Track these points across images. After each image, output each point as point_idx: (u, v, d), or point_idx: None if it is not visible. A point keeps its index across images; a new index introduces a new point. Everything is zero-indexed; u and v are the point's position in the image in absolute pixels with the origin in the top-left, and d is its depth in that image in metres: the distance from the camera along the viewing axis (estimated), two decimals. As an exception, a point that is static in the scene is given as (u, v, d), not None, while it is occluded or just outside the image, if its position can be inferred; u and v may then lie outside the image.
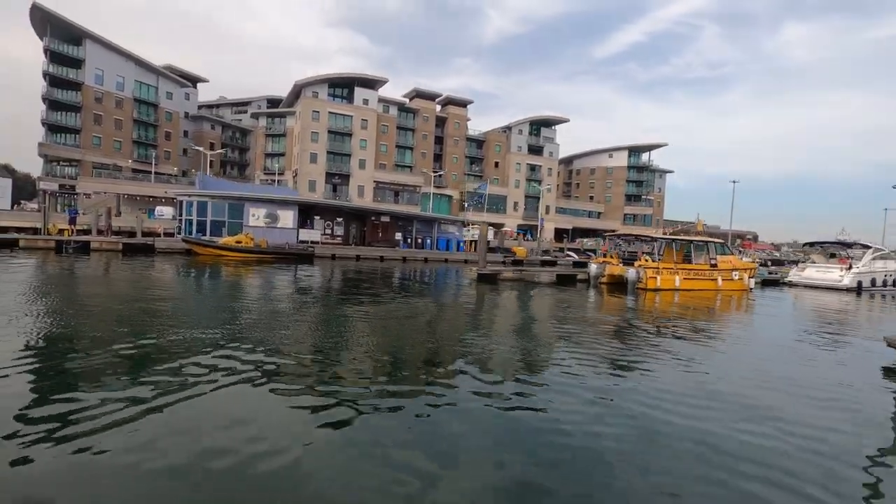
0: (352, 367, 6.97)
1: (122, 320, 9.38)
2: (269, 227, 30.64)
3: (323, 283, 19.11)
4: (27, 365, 6.11)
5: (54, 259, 22.68)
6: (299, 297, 14.82)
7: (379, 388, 5.99)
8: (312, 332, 9.38)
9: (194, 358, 6.72)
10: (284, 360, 6.98)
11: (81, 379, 5.74)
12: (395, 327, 10.36)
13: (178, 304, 12.06)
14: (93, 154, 59.46)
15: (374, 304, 13.23)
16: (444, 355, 8.02)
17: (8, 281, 14.51)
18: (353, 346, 8.39)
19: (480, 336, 9.72)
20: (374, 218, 36.32)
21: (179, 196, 31.01)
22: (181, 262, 24.79)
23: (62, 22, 55.79)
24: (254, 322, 9.78)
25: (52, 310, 9.86)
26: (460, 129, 76.85)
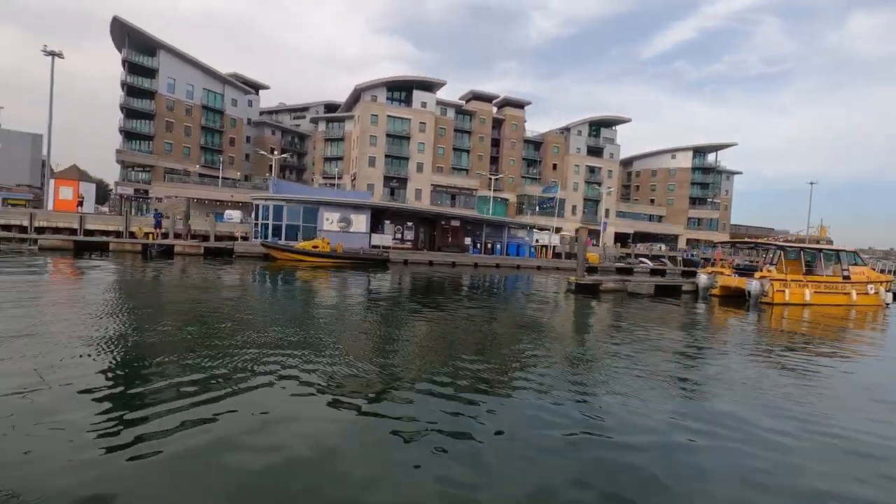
0: (442, 388, 5.99)
1: (202, 321, 9.32)
2: (342, 232, 30.14)
3: (403, 290, 18.13)
4: (107, 360, 6.22)
5: (141, 263, 22.88)
6: (384, 304, 13.93)
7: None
8: (402, 344, 8.66)
9: (264, 361, 6.59)
10: (360, 369, 6.54)
11: (153, 379, 5.65)
12: (491, 346, 9.07)
13: (255, 308, 11.97)
14: (164, 160, 61.80)
15: (466, 319, 12.00)
16: (558, 381, 6.58)
17: (101, 282, 14.26)
18: (442, 364, 7.28)
19: (614, 361, 8.20)
20: (443, 222, 35.29)
21: (255, 200, 31.03)
22: (259, 266, 24.59)
23: (139, 34, 58.32)
24: (328, 328, 9.51)
25: (141, 310, 10.16)
26: (517, 130, 75.10)
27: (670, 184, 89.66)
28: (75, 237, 26.93)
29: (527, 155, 76.95)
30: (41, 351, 6.41)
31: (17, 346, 6.61)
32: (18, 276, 15.11)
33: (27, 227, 33.86)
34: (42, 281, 14.71)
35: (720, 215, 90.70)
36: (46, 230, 34.48)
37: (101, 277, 16.92)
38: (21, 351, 6.36)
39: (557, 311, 15.20)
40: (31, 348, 6.50)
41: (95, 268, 19.59)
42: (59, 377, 5.44)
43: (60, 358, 6.15)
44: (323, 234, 29.05)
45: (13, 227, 33.72)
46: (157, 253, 25.90)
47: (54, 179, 38.32)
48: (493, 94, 72.60)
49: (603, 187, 76.99)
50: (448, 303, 15.13)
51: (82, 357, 6.26)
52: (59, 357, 6.19)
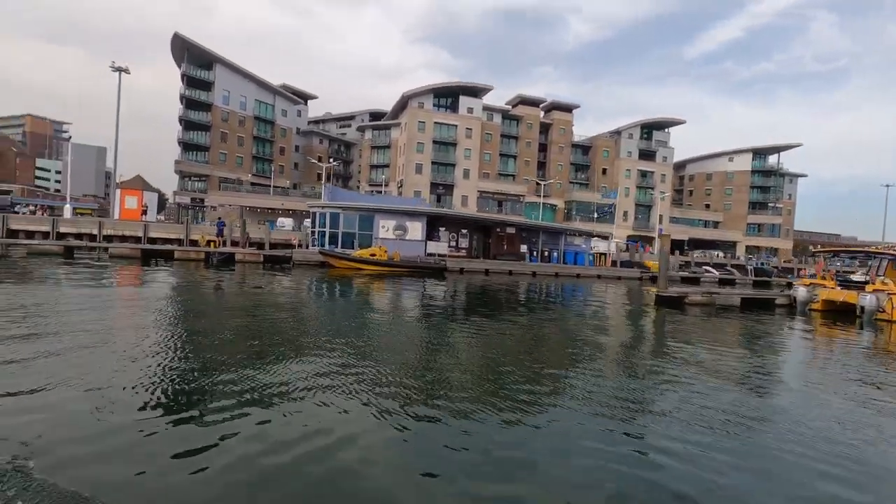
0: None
1: (261, 330, 9.31)
2: (398, 240, 29.59)
3: (464, 301, 17.30)
4: (171, 367, 6.27)
5: (204, 270, 22.99)
6: (448, 316, 13.20)
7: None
8: (470, 359, 8.18)
9: (320, 372, 6.44)
10: (424, 382, 6.33)
11: (211, 387, 5.60)
12: (572, 364, 7.98)
13: (313, 317, 12.00)
14: (219, 169, 63.68)
15: (540, 332, 10.90)
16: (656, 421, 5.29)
17: (168, 290, 14.03)
18: (517, 381, 6.69)
19: (722, 391, 6.84)
20: (499, 229, 34.23)
21: (312, 207, 30.98)
22: (317, 274, 24.32)
23: (197, 49, 60.52)
24: (385, 340, 9.32)
25: (205, 318, 10.60)
26: (565, 135, 73.25)
27: (727, 188, 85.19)
28: (142, 245, 27.50)
29: (575, 160, 74.90)
30: (110, 357, 6.53)
31: (91, 351, 6.75)
32: (95, 285, 15.16)
33: (96, 234, 35.20)
34: (115, 288, 14.67)
35: (783, 221, 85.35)
36: (114, 238, 35.71)
37: (168, 285, 16.89)
38: (94, 357, 6.49)
39: (642, 327, 13.87)
40: (102, 357, 6.55)
41: (162, 275, 19.74)
42: (127, 380, 5.58)
43: (127, 361, 6.37)
44: (379, 242, 28.59)
45: (84, 236, 35.10)
46: (219, 261, 26.08)
47: (120, 189, 39.77)
48: (541, 98, 71.16)
49: (655, 191, 73.96)
50: (516, 315, 14.19)
51: (149, 364, 6.29)
52: (125, 360, 6.41)
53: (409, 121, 63.16)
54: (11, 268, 18.83)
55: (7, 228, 33.59)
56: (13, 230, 33.91)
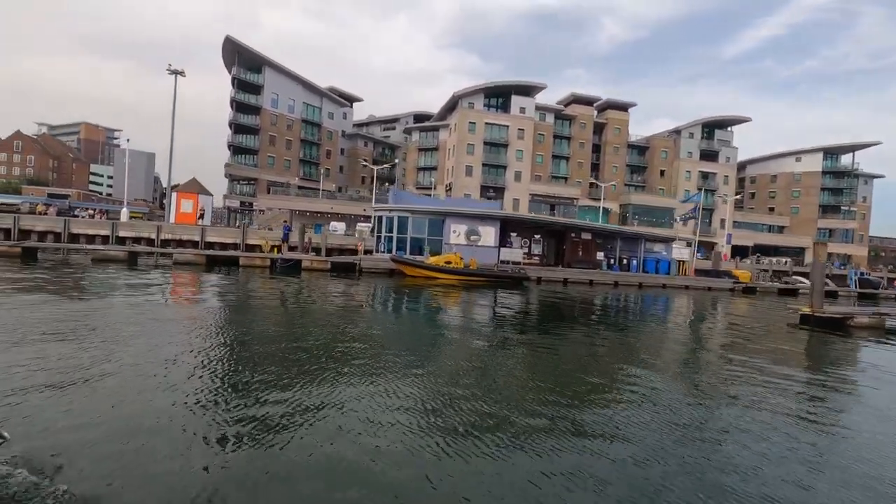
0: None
1: (332, 345, 8.69)
2: (470, 246, 27.35)
3: (555, 315, 15.02)
4: (235, 378, 6.03)
5: (270, 279, 21.38)
6: (541, 333, 11.19)
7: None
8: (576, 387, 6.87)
9: (394, 392, 5.77)
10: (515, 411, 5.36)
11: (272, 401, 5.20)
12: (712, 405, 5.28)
13: (389, 331, 11.13)
14: (267, 173, 63.21)
15: (657, 358, 8.25)
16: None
17: (237, 299, 12.18)
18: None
19: None
20: (573, 235, 31.55)
21: (378, 211, 29.14)
22: (387, 283, 22.40)
23: (247, 52, 60.25)
24: (468, 360, 7.96)
25: (275, 329, 10.13)
26: (621, 135, 69.66)
27: (794, 190, 79.46)
28: (207, 252, 26.19)
29: (630, 161, 71.16)
30: (177, 369, 6.22)
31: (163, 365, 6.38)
32: (167, 296, 13.47)
33: (154, 238, 34.45)
34: (189, 300, 12.92)
35: (857, 225, 78.98)
36: (171, 242, 34.91)
37: (240, 295, 15.19)
38: (165, 370, 6.16)
39: (819, 360, 10.94)
40: (178, 371, 6.20)
41: (231, 284, 18.22)
42: (190, 390, 5.35)
43: (192, 373, 6.09)
44: (452, 249, 26.42)
45: (142, 240, 34.42)
46: (285, 268, 24.46)
47: (176, 192, 39.12)
48: (595, 97, 67.89)
49: (717, 194, 69.44)
50: (624, 334, 11.73)
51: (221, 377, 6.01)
52: (191, 372, 6.14)
53: (459, 122, 61.08)
54: (81, 274, 17.54)
55: (69, 232, 33.17)
56: (74, 234, 33.49)
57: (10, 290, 12.31)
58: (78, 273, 18.24)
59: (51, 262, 22.10)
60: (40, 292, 12.45)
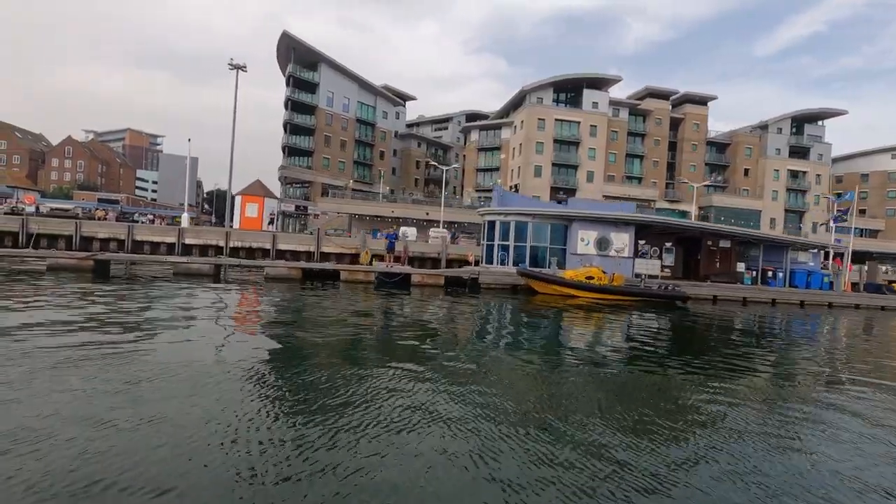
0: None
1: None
2: (600, 256, 22.81)
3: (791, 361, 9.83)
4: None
5: (381, 296, 17.47)
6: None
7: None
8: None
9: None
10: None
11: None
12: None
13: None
14: (322, 175, 60.04)
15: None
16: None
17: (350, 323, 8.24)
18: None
19: None
20: (710, 242, 26.60)
21: (486, 215, 24.90)
22: (515, 302, 18.25)
23: (303, 48, 57.32)
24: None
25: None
26: (699, 131, 63.84)
27: (890, 190, 71.83)
28: (302, 264, 22.44)
29: (710, 159, 65.18)
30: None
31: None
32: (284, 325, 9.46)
33: (222, 247, 31.14)
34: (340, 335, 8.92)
35: (964, 229, 70.66)
36: (241, 251, 31.57)
37: (374, 321, 10.99)
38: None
39: None
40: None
41: (334, 301, 14.19)
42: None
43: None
44: (580, 260, 21.95)
45: (210, 248, 31.18)
46: (392, 283, 20.46)
47: (241, 196, 35.88)
48: (671, 90, 62.37)
49: (809, 194, 62.87)
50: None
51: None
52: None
53: (526, 118, 56.58)
54: (177, 295, 13.80)
55: (133, 239, 30.16)
56: (138, 241, 30.47)
57: (116, 325, 8.46)
58: (170, 293, 14.52)
59: (126, 276, 18.61)
60: (160, 327, 8.58)
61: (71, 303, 11.51)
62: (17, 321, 8.92)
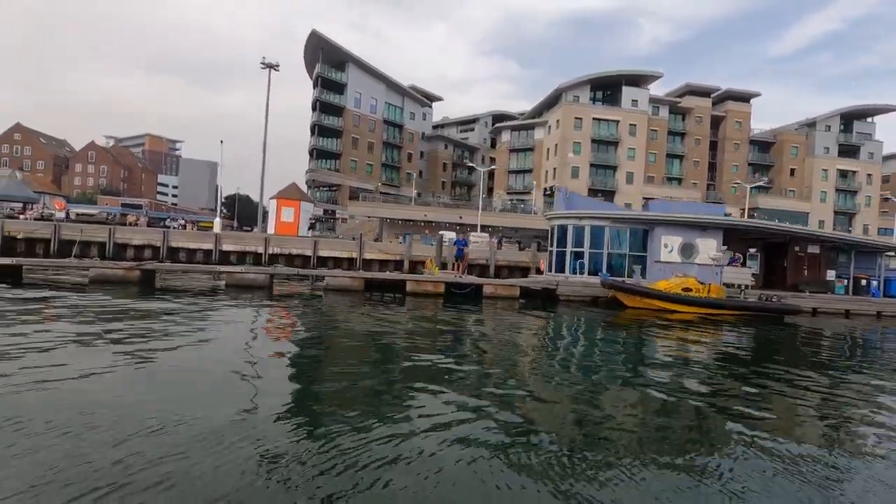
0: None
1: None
2: (685, 264, 20.54)
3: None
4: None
5: (446, 309, 15.62)
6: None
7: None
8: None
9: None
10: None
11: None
12: None
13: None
14: (349, 178, 58.42)
15: None
16: None
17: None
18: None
19: None
20: (797, 248, 24.15)
21: (553, 220, 22.80)
22: (602, 316, 16.18)
23: (331, 47, 55.82)
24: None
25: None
26: (742, 130, 61.03)
27: (943, 190, 68.07)
28: (366, 274, 20.51)
29: (753, 159, 62.29)
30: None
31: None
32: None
33: (261, 253, 29.42)
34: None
35: None
36: (280, 257, 29.83)
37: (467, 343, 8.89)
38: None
39: None
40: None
41: (411, 316, 12.17)
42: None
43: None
44: (674, 269, 19.70)
45: (248, 255, 29.49)
46: (461, 295, 18.44)
47: (277, 199, 34.21)
48: (713, 87, 59.71)
49: (859, 195, 59.68)
50: None
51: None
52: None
53: (563, 118, 54.35)
54: (232, 310, 11.91)
55: (168, 246, 28.54)
56: (173, 248, 28.85)
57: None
58: (236, 310, 12.61)
59: (173, 288, 16.80)
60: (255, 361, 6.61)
61: (133, 326, 9.61)
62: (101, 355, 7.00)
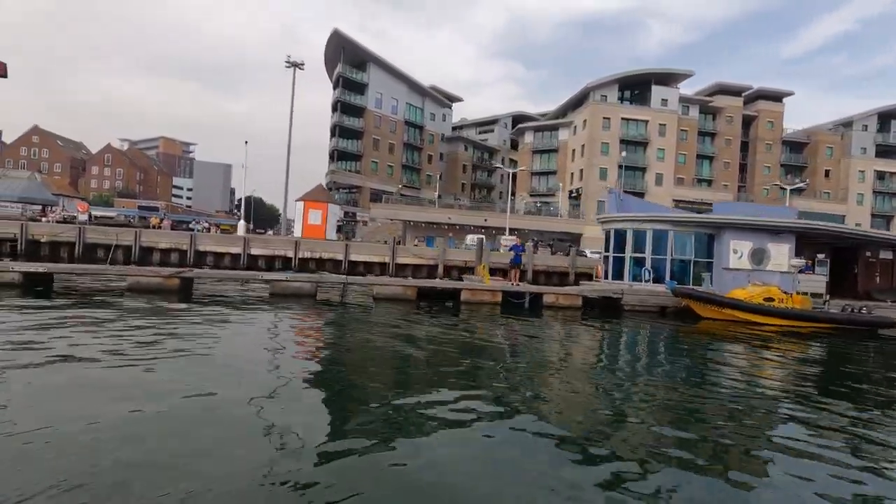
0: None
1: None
2: (755, 271, 18.99)
3: None
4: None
5: (505, 319, 14.31)
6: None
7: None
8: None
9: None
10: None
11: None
12: None
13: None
14: (370, 180, 57.29)
15: None
16: None
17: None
18: None
19: None
20: (868, 253, 22.48)
21: (607, 224, 21.34)
22: (668, 328, 14.81)
23: (353, 47, 54.80)
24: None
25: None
26: (774, 130, 59.07)
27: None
28: (418, 282, 19.19)
29: (785, 160, 60.28)
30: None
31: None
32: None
33: (290, 257, 28.24)
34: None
35: None
36: (310, 261, 28.62)
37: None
38: None
39: None
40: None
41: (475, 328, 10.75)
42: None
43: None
44: (751, 277, 18.17)
45: (277, 259, 28.33)
46: (518, 304, 17.05)
47: (304, 201, 33.06)
48: (745, 86, 57.84)
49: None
50: None
51: None
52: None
53: (590, 118, 52.82)
54: (289, 320, 10.62)
55: (195, 250, 27.45)
56: (200, 252, 27.76)
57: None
58: (290, 320, 11.32)
59: (213, 296, 15.56)
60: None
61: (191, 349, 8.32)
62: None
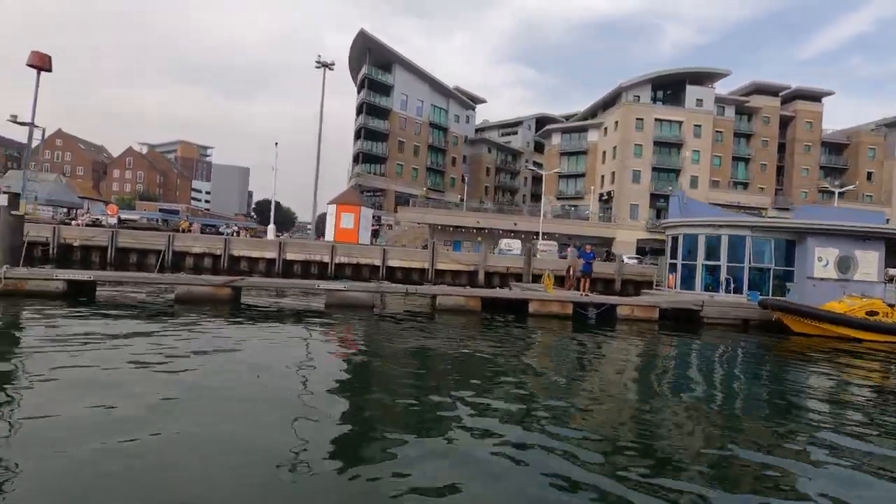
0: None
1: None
2: (841, 281, 17.40)
3: None
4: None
5: (577, 335, 12.91)
6: None
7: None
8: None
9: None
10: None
11: None
12: None
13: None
14: (395, 183, 56.28)
15: None
16: None
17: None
18: None
19: None
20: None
21: (671, 229, 19.90)
22: (753, 343, 13.52)
23: (379, 48, 53.89)
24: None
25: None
26: (813, 131, 56.93)
27: None
28: (481, 292, 17.93)
29: (825, 162, 58.07)
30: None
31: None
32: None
33: (327, 262, 27.18)
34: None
35: None
36: (346, 266, 27.56)
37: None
38: None
39: None
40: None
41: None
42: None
43: None
44: (840, 288, 16.59)
45: (313, 264, 27.30)
46: (594, 317, 15.71)
47: (336, 205, 32.05)
48: (782, 85, 55.84)
49: (945, 202, 54.82)
50: None
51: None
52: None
53: (622, 118, 51.26)
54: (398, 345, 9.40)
55: (229, 255, 26.52)
56: (234, 257, 26.83)
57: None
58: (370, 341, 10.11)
59: (259, 310, 14.41)
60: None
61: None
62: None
